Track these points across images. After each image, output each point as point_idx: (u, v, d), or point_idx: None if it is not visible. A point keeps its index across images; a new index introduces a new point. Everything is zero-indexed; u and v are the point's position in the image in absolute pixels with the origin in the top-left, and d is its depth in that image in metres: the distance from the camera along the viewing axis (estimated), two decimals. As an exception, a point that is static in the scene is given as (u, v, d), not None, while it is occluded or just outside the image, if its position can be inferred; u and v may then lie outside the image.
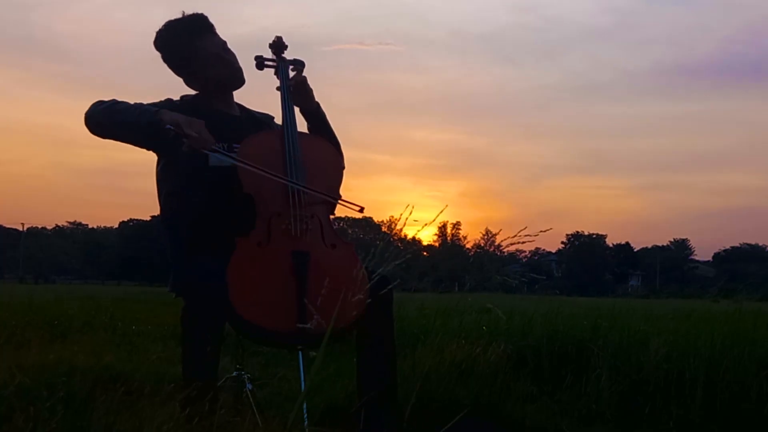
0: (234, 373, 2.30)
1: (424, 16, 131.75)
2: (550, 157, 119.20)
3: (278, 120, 2.48)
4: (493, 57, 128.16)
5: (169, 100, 2.34)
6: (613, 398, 2.90)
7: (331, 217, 2.27)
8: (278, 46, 2.48)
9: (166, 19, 2.35)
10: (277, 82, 2.42)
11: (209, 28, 2.36)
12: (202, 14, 2.35)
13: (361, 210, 2.23)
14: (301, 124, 2.40)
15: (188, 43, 2.31)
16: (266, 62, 2.45)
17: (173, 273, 2.27)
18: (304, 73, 2.44)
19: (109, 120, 2.14)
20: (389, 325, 2.18)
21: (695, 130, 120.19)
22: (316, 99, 2.41)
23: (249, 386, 2.26)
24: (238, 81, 2.40)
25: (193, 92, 2.41)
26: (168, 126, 2.01)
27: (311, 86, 2.39)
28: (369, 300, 1.60)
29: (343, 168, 2.38)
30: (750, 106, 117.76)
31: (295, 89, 2.37)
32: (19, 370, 2.32)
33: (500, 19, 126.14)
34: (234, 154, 2.22)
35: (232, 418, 1.91)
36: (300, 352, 2.08)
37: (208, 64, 2.32)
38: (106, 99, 2.19)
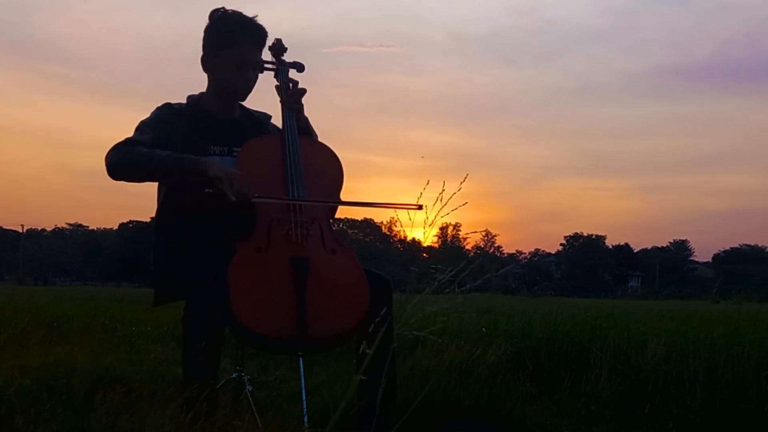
0: (233, 375, 2.30)
1: (424, 18, 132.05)
2: (549, 158, 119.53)
3: (275, 120, 2.48)
4: (492, 58, 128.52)
5: (168, 106, 2.33)
6: (612, 399, 2.90)
7: (330, 220, 2.27)
8: (278, 48, 2.47)
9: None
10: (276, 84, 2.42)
11: (251, 37, 2.32)
12: (260, 26, 2.32)
13: (420, 208, 1.99)
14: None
15: (229, 38, 2.28)
16: (266, 65, 2.44)
17: (156, 276, 2.27)
18: (304, 75, 2.44)
19: (140, 170, 2.14)
20: (389, 327, 2.18)
21: (694, 132, 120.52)
22: (318, 102, 2.41)
23: (249, 387, 2.26)
24: (241, 95, 2.38)
25: (198, 90, 2.40)
26: (207, 190, 2.04)
27: (315, 94, 2.39)
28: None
29: (343, 173, 2.37)
30: (749, 108, 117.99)
31: (291, 98, 2.36)
32: (20, 372, 2.32)
33: (499, 21, 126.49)
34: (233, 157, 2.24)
35: (231, 420, 1.91)
36: (300, 359, 2.07)
37: (231, 64, 2.30)
38: (119, 143, 2.16)
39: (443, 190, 1.61)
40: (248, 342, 2.11)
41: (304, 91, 2.38)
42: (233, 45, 2.29)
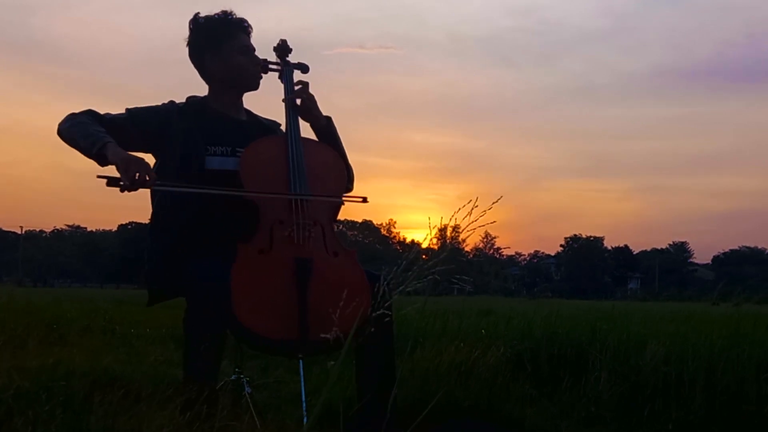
0: (233, 376, 2.30)
1: (424, 19, 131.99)
2: (549, 160, 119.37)
3: (284, 127, 2.48)
4: (491, 59, 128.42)
5: (171, 103, 2.33)
6: (612, 400, 2.90)
7: (333, 223, 2.26)
8: (283, 49, 2.46)
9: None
10: (282, 90, 2.42)
11: (246, 29, 2.38)
12: (241, 18, 2.36)
13: (365, 200, 2.22)
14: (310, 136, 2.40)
15: (226, 31, 2.32)
16: (270, 66, 2.44)
17: (149, 276, 2.27)
18: (308, 77, 2.44)
19: (70, 142, 2.15)
20: (388, 327, 2.18)
21: (693, 133, 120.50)
22: (318, 103, 2.39)
23: (248, 389, 2.26)
24: (255, 83, 2.40)
25: (200, 93, 2.40)
26: (98, 176, 1.96)
27: (315, 96, 2.38)
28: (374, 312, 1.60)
29: (346, 176, 2.37)
30: (748, 109, 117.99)
31: (303, 109, 2.37)
32: (18, 373, 2.32)
33: (499, 22, 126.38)
34: (237, 157, 2.24)
35: (230, 422, 1.91)
36: (300, 361, 2.07)
37: (238, 53, 2.33)
38: (93, 108, 2.20)
39: (476, 206, 1.64)
40: (249, 343, 2.10)
41: (306, 86, 2.39)
42: (232, 36, 2.32)
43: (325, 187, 2.27)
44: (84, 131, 2.11)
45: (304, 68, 2.46)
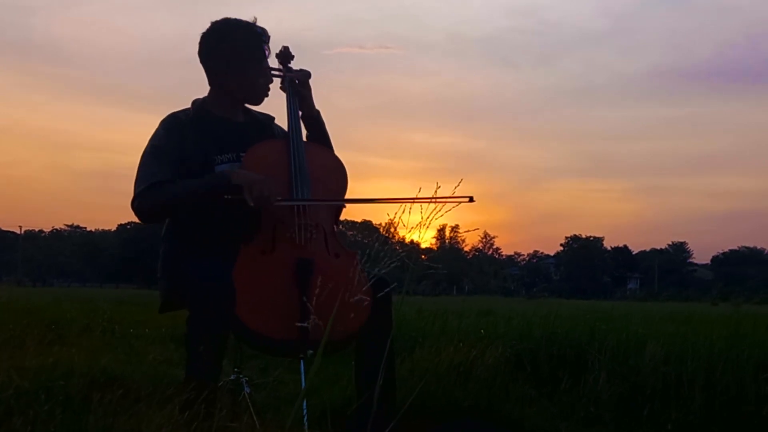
0: (232, 376, 2.30)
1: (423, 20, 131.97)
2: (548, 160, 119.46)
3: (278, 121, 2.48)
4: (491, 60, 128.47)
5: (173, 117, 2.29)
6: (611, 401, 2.90)
7: (335, 224, 2.26)
8: (285, 56, 2.47)
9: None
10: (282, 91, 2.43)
11: (267, 45, 2.34)
12: (265, 31, 2.32)
13: (471, 200, 1.95)
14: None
15: (257, 53, 2.29)
16: (273, 72, 2.44)
17: (167, 284, 2.26)
18: (310, 82, 2.44)
19: (175, 208, 2.16)
20: (387, 327, 2.18)
21: (693, 133, 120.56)
22: (318, 103, 2.40)
23: (247, 389, 2.26)
24: (261, 100, 2.40)
25: (201, 94, 2.39)
26: (226, 196, 2.05)
27: (315, 96, 2.40)
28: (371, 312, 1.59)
29: (347, 178, 2.37)
30: (747, 109, 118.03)
31: (299, 96, 2.37)
32: (18, 373, 2.32)
33: (498, 23, 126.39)
34: (239, 163, 2.23)
35: (229, 422, 1.91)
36: (302, 361, 2.07)
37: (260, 76, 2.32)
38: (146, 188, 2.14)
39: (437, 190, 1.62)
40: (250, 343, 2.10)
41: (308, 75, 2.41)
42: (260, 60, 2.30)
43: (328, 188, 2.27)
44: (190, 187, 2.13)
45: (307, 75, 2.47)
